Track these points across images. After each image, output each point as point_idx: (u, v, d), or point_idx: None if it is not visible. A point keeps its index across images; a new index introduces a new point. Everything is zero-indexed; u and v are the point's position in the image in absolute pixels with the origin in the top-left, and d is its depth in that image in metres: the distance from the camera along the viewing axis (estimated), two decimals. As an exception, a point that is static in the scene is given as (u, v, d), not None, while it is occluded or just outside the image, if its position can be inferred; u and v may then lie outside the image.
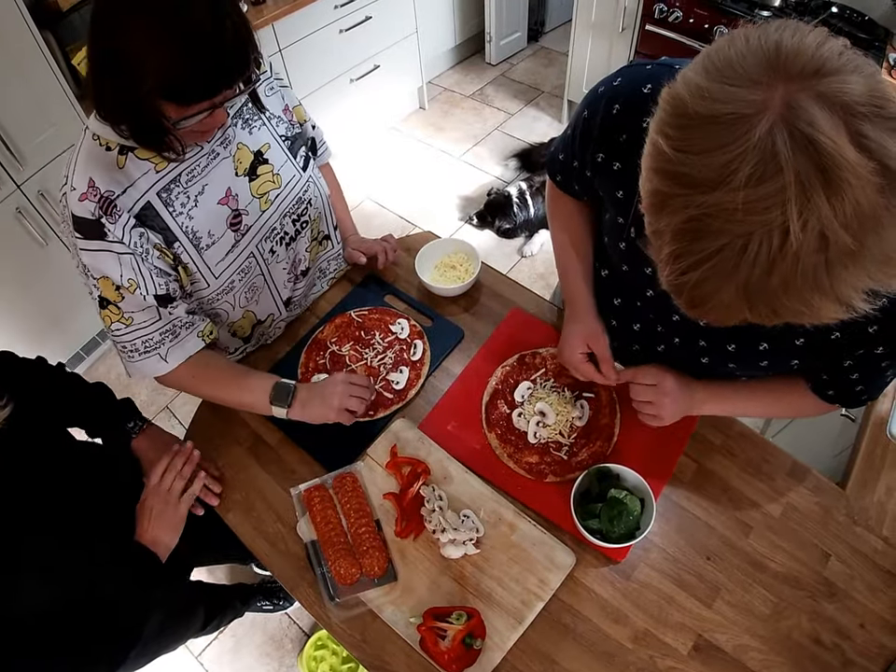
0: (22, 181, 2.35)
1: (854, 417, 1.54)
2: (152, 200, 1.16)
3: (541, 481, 1.31)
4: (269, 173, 1.33)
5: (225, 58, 0.97)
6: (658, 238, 0.66)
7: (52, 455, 1.20)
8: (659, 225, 0.64)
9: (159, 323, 1.23)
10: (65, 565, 1.12)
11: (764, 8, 2.83)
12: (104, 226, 1.11)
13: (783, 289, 0.60)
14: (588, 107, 1.08)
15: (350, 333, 1.56)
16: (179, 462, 1.34)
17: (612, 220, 1.14)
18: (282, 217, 1.38)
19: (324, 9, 3.14)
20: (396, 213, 3.67)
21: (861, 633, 1.13)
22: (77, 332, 2.96)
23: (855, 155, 0.54)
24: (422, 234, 1.83)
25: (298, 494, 1.32)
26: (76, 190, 1.10)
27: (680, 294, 0.68)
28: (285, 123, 1.38)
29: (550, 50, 4.77)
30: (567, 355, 1.32)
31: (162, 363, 1.27)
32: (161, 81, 0.95)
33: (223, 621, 2.02)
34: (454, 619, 1.14)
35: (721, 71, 0.60)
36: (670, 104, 0.63)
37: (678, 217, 0.61)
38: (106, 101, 1.04)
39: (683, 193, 0.60)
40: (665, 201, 0.63)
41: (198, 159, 1.21)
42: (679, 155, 0.60)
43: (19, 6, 2.09)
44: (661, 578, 1.20)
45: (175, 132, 1.06)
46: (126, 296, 1.17)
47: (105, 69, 0.99)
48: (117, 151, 1.12)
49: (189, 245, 1.23)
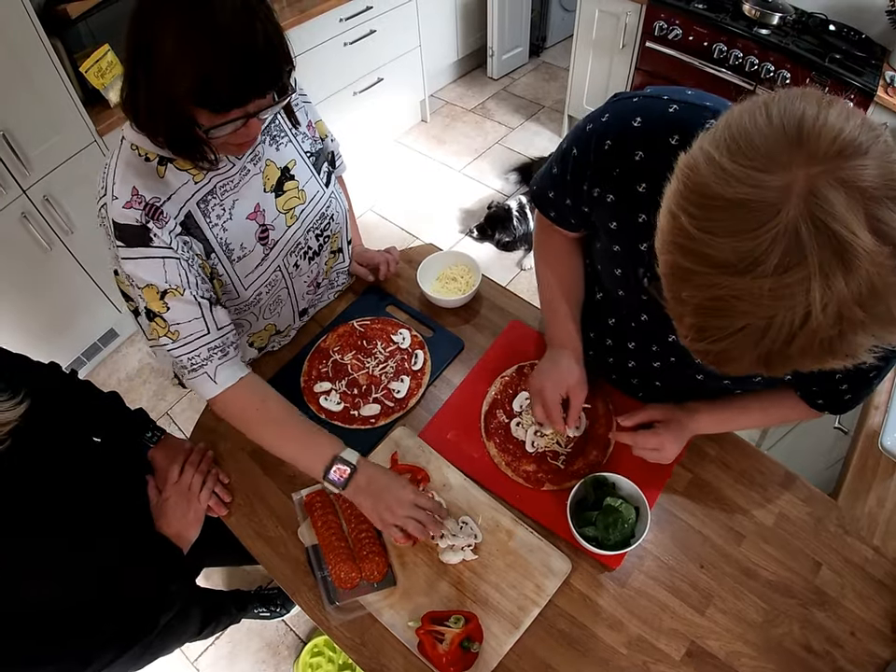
0: (28, 186, 2.36)
1: (846, 430, 1.56)
2: (192, 210, 1.17)
3: (538, 489, 1.32)
4: (294, 188, 1.34)
5: (255, 64, 0.97)
6: (679, 305, 0.67)
7: (66, 453, 1.21)
8: (680, 295, 0.65)
9: (207, 337, 1.19)
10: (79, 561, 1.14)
11: (763, 27, 2.87)
12: (149, 230, 1.10)
13: (800, 355, 0.62)
14: (577, 145, 1.08)
15: (352, 342, 1.58)
16: (196, 458, 1.38)
17: (607, 248, 1.15)
18: (306, 233, 1.40)
19: (329, 22, 3.18)
20: (397, 224, 3.70)
21: (851, 641, 1.15)
22: (79, 337, 2.97)
23: (872, 242, 0.55)
24: (424, 246, 1.86)
25: (300, 499, 1.34)
26: (118, 199, 1.09)
27: (699, 355, 0.69)
28: (309, 139, 1.39)
29: (551, 66, 4.82)
30: (548, 394, 1.28)
31: (211, 383, 1.22)
32: (191, 86, 0.95)
33: (219, 626, 2.01)
34: (452, 623, 1.15)
35: (745, 151, 0.60)
36: (690, 179, 0.63)
37: (701, 294, 0.62)
38: (140, 108, 1.03)
39: (707, 272, 0.61)
40: (688, 276, 0.64)
41: (232, 174, 1.22)
42: (704, 236, 0.61)
43: (28, 12, 2.10)
44: (655, 585, 1.22)
45: (208, 141, 1.07)
46: (172, 304, 1.15)
47: (139, 75, 0.99)
48: (156, 162, 1.12)
49: (223, 257, 1.24)
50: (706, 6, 3.02)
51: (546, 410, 1.29)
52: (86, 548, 1.16)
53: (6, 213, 2.34)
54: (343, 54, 3.37)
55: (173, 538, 1.28)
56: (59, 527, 1.11)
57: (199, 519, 1.34)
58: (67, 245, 2.63)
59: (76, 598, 1.13)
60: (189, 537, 1.31)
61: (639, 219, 1.02)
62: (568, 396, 1.29)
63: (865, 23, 2.89)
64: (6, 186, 2.29)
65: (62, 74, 2.31)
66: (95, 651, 1.15)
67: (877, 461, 1.41)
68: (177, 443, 1.46)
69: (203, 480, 1.36)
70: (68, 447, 1.22)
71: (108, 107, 2.55)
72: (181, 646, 1.74)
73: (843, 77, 2.66)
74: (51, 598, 1.10)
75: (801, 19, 2.96)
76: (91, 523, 1.19)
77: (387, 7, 3.46)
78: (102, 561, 1.17)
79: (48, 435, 1.16)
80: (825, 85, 2.72)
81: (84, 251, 2.70)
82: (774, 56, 2.84)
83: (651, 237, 1.02)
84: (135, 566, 1.22)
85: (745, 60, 2.93)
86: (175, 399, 3.00)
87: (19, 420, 1.01)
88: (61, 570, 1.10)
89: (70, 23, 2.37)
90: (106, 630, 1.16)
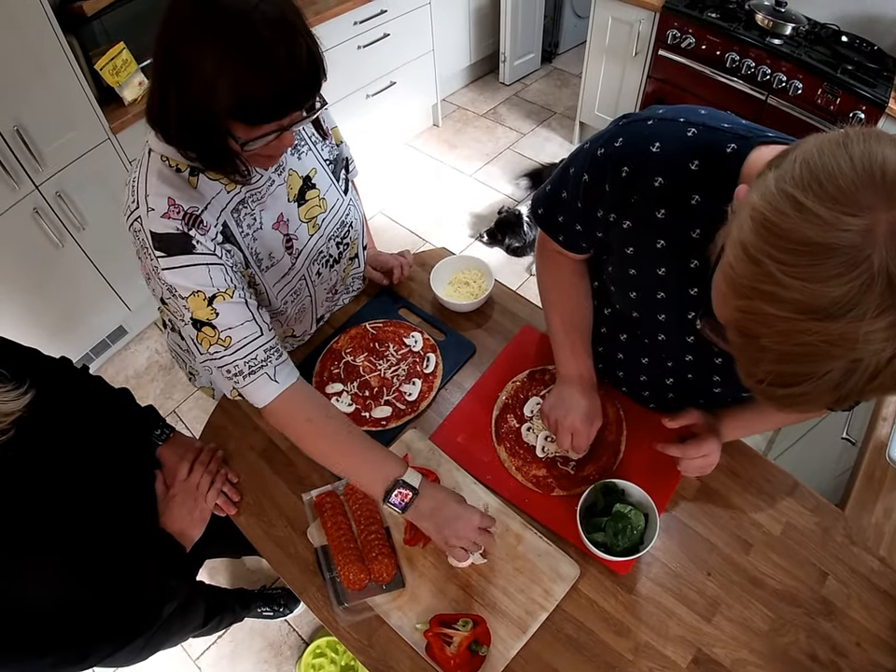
0: (41, 182, 2.38)
1: (854, 441, 1.57)
2: (227, 219, 1.16)
3: (548, 494, 1.33)
4: (316, 197, 1.34)
5: (297, 79, 0.97)
6: (757, 351, 0.65)
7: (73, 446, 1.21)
8: (759, 342, 0.64)
9: (261, 339, 1.16)
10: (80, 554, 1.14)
11: (776, 37, 2.88)
12: (192, 238, 1.08)
13: (874, 391, 0.62)
14: (589, 171, 1.04)
15: (364, 344, 1.59)
16: (206, 458, 1.39)
17: (621, 272, 1.14)
18: (328, 241, 1.40)
19: (344, 25, 3.20)
20: (407, 228, 3.71)
21: (857, 651, 1.15)
22: (88, 333, 2.98)
23: None
24: (436, 250, 1.87)
25: (309, 499, 1.35)
26: (155, 210, 1.06)
27: (769, 398, 0.68)
28: (328, 147, 1.39)
29: (563, 72, 4.83)
30: (570, 423, 1.29)
31: (272, 383, 1.17)
32: (232, 100, 0.94)
33: (222, 622, 2.02)
34: (460, 626, 1.16)
35: (832, 195, 0.59)
36: (774, 223, 0.61)
37: (788, 340, 0.61)
38: (171, 121, 1.01)
39: (797, 318, 0.60)
40: (772, 323, 0.62)
41: (260, 184, 1.21)
42: (794, 282, 0.59)
43: (45, 9, 2.12)
44: (662, 592, 1.22)
45: (242, 154, 1.06)
46: (221, 309, 1.11)
47: (171, 91, 0.97)
48: (188, 172, 1.11)
49: (254, 266, 1.24)
50: (719, 15, 3.03)
51: (561, 440, 1.31)
52: (87, 541, 1.15)
53: (18, 208, 2.36)
54: (356, 57, 3.38)
55: (176, 535, 1.29)
56: (61, 519, 1.11)
57: (203, 519, 1.34)
58: (79, 242, 2.64)
59: (75, 591, 1.13)
60: (191, 535, 1.32)
61: (658, 245, 1.01)
62: None
63: (878, 35, 2.89)
64: (18, 181, 2.30)
65: (76, 71, 2.32)
66: (93, 644, 1.16)
67: (885, 472, 1.42)
68: (187, 442, 1.47)
69: (212, 480, 1.38)
70: (75, 441, 1.22)
71: (122, 105, 2.56)
72: (184, 640, 1.74)
73: (854, 88, 2.67)
74: (51, 590, 1.10)
75: (813, 29, 2.96)
76: (95, 516, 1.19)
77: (401, 10, 3.47)
78: (103, 554, 1.17)
79: (54, 428, 1.16)
80: (837, 96, 2.72)
81: (95, 248, 2.72)
82: (786, 66, 2.85)
83: (670, 262, 1.03)
84: (137, 560, 1.23)
85: (757, 69, 2.94)
86: (183, 397, 3.01)
87: (23, 410, 1.01)
88: (60, 562, 1.10)
89: (85, 21, 2.38)
90: (105, 623, 1.16)
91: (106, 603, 1.16)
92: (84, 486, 1.19)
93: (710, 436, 1.25)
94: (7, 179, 2.25)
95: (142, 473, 1.40)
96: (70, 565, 1.11)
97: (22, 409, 1.01)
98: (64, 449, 1.18)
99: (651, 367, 1.30)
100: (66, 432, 1.20)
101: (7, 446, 0.99)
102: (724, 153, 0.89)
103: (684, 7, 3.09)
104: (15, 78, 2.14)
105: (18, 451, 1.03)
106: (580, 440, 1.30)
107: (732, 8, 3.07)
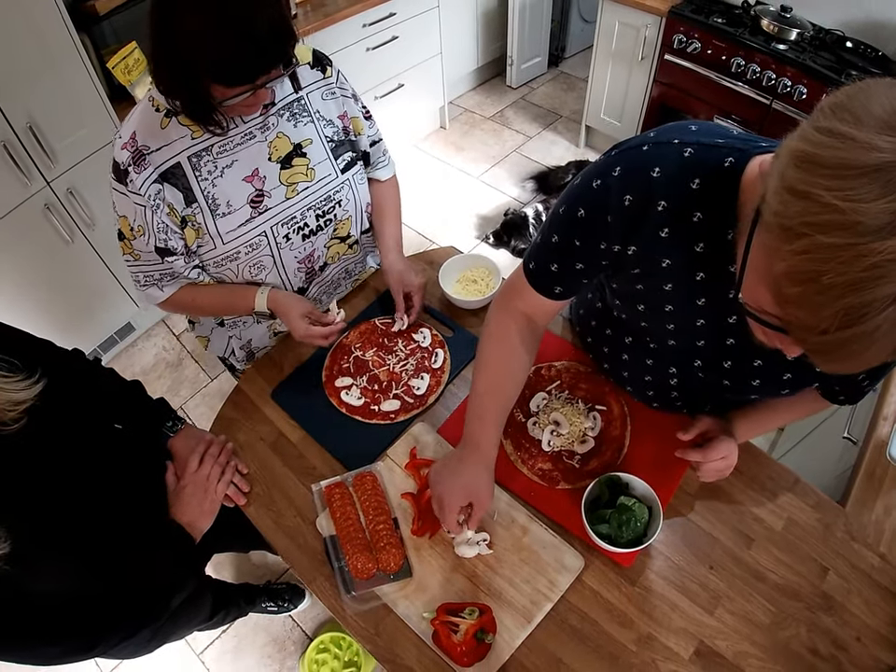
0: (52, 178, 2.41)
1: (855, 440, 1.58)
2: (182, 161, 1.31)
3: (553, 487, 1.35)
4: (304, 166, 1.45)
5: (259, 48, 1.12)
6: (820, 294, 0.62)
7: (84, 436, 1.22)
8: (821, 280, 0.61)
9: (160, 266, 1.41)
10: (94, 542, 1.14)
11: (781, 42, 2.90)
12: (128, 174, 1.28)
13: None
14: (585, 205, 1.03)
15: (374, 340, 1.62)
16: (216, 450, 1.41)
17: (627, 289, 1.14)
18: (305, 209, 1.47)
19: (353, 27, 3.23)
20: (414, 229, 3.74)
21: (857, 646, 1.16)
22: (96, 330, 3.01)
23: None
24: (444, 249, 1.89)
25: (319, 490, 1.37)
26: (121, 139, 1.29)
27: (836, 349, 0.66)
28: (333, 128, 1.48)
29: (569, 76, 4.86)
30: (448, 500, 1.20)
31: (159, 292, 1.47)
32: (208, 67, 1.13)
33: (227, 617, 2.02)
34: (466, 614, 1.18)
35: (869, 122, 0.61)
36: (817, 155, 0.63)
37: (852, 268, 0.59)
38: (163, 80, 1.21)
39: (859, 242, 0.59)
40: (833, 253, 0.60)
41: (231, 135, 1.35)
42: (851, 205, 0.59)
43: (59, 8, 2.15)
44: (665, 584, 1.24)
45: (220, 109, 1.24)
46: (136, 237, 1.35)
47: (163, 55, 1.16)
48: (163, 114, 1.29)
49: (205, 208, 1.36)
50: (725, 20, 3.05)
51: (443, 515, 1.22)
52: (98, 530, 1.16)
53: (29, 204, 2.39)
54: (365, 59, 3.42)
55: (186, 526, 1.30)
56: (72, 508, 1.12)
57: (213, 510, 1.36)
58: (89, 239, 2.67)
59: (86, 580, 1.13)
60: (201, 526, 1.33)
61: (663, 264, 1.02)
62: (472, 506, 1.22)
63: (882, 41, 2.90)
64: (30, 177, 2.33)
65: (89, 69, 2.35)
66: (102, 634, 1.16)
67: (885, 471, 1.43)
68: (197, 434, 1.48)
69: (222, 471, 1.39)
70: (87, 431, 1.23)
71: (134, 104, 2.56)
72: (190, 633, 1.75)
73: (859, 93, 2.68)
74: (62, 579, 1.10)
75: (818, 35, 2.98)
76: (106, 506, 1.20)
77: (410, 13, 3.51)
78: (113, 544, 1.18)
79: (66, 418, 1.17)
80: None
81: (105, 245, 2.75)
82: (791, 71, 2.87)
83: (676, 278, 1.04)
84: (147, 550, 1.24)
85: (762, 74, 2.96)
86: (189, 394, 3.04)
87: (35, 400, 1.03)
88: (72, 552, 1.11)
89: (97, 20, 2.42)
90: (115, 613, 1.17)
91: (116, 593, 1.16)
92: (95, 476, 1.20)
93: (726, 438, 1.27)
94: (19, 175, 2.28)
95: (153, 464, 1.42)
96: (82, 554, 1.12)
97: (34, 398, 1.03)
98: (76, 439, 1.19)
99: (654, 370, 1.31)
100: (78, 422, 1.21)
101: (19, 435, 1.00)
102: (723, 168, 0.89)
103: (690, 12, 3.11)
104: (29, 76, 2.18)
105: (30, 440, 1.04)
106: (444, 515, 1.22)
107: (738, 14, 3.10)
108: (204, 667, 2.29)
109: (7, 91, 2.13)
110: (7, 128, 2.19)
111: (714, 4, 3.18)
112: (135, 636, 1.22)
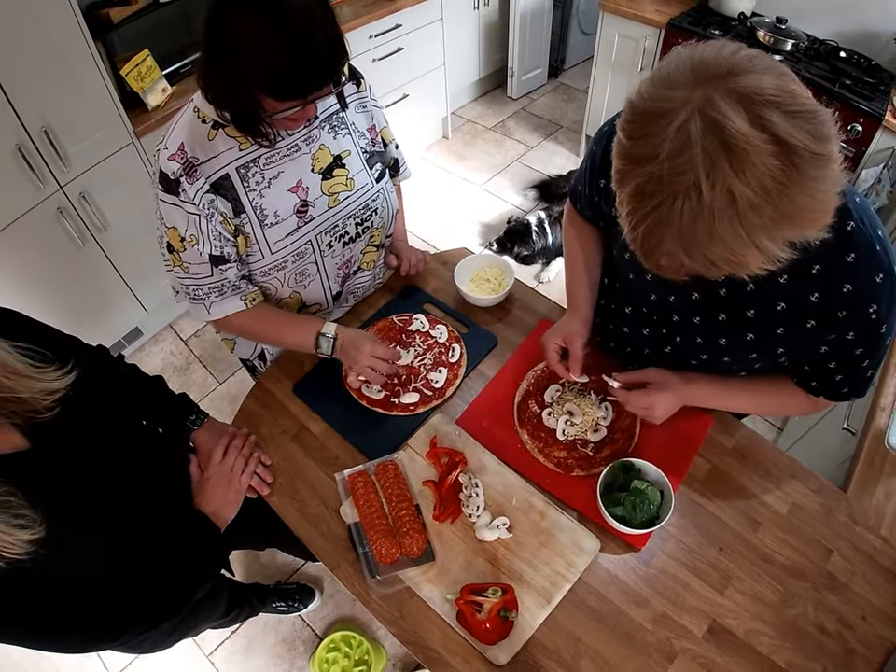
0: (66, 182, 2.44)
1: (854, 431, 1.64)
2: (231, 173, 1.33)
3: (568, 474, 1.40)
4: (343, 176, 1.48)
5: (316, 65, 1.14)
6: (621, 206, 0.85)
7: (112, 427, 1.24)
8: (621, 195, 0.84)
9: (209, 279, 1.39)
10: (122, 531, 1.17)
11: (776, 53, 2.97)
12: (180, 184, 1.27)
13: (708, 238, 0.78)
14: (596, 144, 1.30)
15: (392, 336, 1.66)
16: (240, 442, 1.45)
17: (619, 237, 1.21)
18: (346, 218, 1.51)
19: (360, 38, 3.30)
20: (419, 236, 3.78)
21: (862, 624, 1.21)
22: (104, 333, 3.01)
23: (749, 129, 0.72)
24: (457, 250, 1.95)
25: (342, 479, 1.41)
26: (167, 150, 1.28)
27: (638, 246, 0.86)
28: (366, 139, 1.52)
29: (569, 87, 4.93)
30: (546, 342, 1.46)
31: (205, 313, 1.46)
32: (263, 80, 1.14)
33: (240, 615, 2.04)
34: (490, 594, 1.22)
35: (662, 79, 0.80)
36: (628, 106, 0.83)
37: (629, 186, 0.81)
38: (213, 89, 1.23)
39: (632, 168, 0.80)
40: (623, 176, 0.82)
41: (279, 147, 1.37)
42: (630, 141, 0.81)
43: (76, 15, 2.19)
44: (677, 566, 1.29)
45: (269, 121, 1.26)
46: (187, 248, 1.34)
47: (216, 65, 1.17)
48: (210, 125, 1.29)
49: (254, 219, 1.38)
50: (721, 31, 3.13)
51: (548, 360, 1.47)
52: (126, 518, 1.18)
53: (42, 207, 2.41)
54: (371, 70, 3.47)
55: (210, 516, 1.33)
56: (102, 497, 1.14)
57: (238, 500, 1.39)
58: (100, 243, 2.70)
59: (113, 569, 1.14)
60: (226, 516, 1.36)
61: None
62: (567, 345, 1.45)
63: (875, 50, 2.98)
64: (44, 181, 2.35)
65: (104, 75, 2.38)
66: (124, 624, 1.17)
67: (884, 458, 1.49)
68: (221, 427, 1.52)
69: (245, 462, 1.43)
70: (115, 422, 1.26)
71: (146, 111, 2.63)
72: (206, 629, 1.75)
73: (853, 102, 2.76)
74: (89, 567, 1.11)
75: (813, 45, 3.06)
76: (133, 495, 1.22)
77: (415, 25, 3.58)
78: (141, 533, 1.20)
79: (96, 408, 1.20)
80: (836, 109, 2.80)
81: (116, 250, 2.78)
82: (787, 81, 2.93)
83: None
84: (173, 540, 1.26)
85: (759, 84, 3.02)
86: (197, 398, 3.04)
87: (67, 389, 1.05)
88: (101, 540, 1.13)
89: (111, 28, 2.47)
90: (138, 603, 1.18)
91: (142, 582, 1.18)
92: (124, 465, 1.22)
93: (659, 394, 1.32)
94: (32, 179, 2.31)
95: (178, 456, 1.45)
96: (110, 541, 1.14)
97: (66, 388, 1.05)
98: (106, 428, 1.22)
99: (651, 338, 1.39)
100: (107, 413, 1.24)
101: (52, 424, 1.03)
102: None
103: (688, 23, 3.19)
104: (44, 80, 2.21)
105: (63, 429, 1.07)
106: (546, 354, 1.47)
107: (734, 25, 3.18)
108: (214, 668, 2.29)
109: (22, 94, 2.16)
110: (22, 131, 2.22)
111: (711, 16, 3.26)
112: (159, 627, 1.24)
